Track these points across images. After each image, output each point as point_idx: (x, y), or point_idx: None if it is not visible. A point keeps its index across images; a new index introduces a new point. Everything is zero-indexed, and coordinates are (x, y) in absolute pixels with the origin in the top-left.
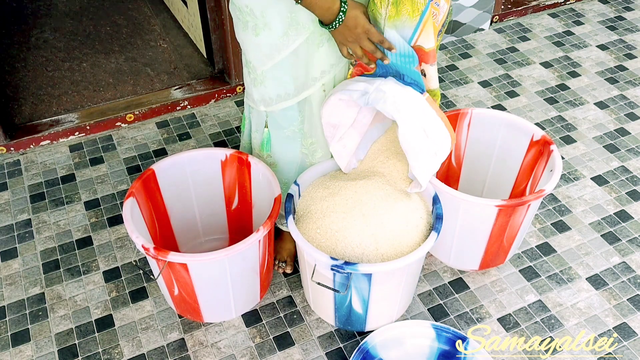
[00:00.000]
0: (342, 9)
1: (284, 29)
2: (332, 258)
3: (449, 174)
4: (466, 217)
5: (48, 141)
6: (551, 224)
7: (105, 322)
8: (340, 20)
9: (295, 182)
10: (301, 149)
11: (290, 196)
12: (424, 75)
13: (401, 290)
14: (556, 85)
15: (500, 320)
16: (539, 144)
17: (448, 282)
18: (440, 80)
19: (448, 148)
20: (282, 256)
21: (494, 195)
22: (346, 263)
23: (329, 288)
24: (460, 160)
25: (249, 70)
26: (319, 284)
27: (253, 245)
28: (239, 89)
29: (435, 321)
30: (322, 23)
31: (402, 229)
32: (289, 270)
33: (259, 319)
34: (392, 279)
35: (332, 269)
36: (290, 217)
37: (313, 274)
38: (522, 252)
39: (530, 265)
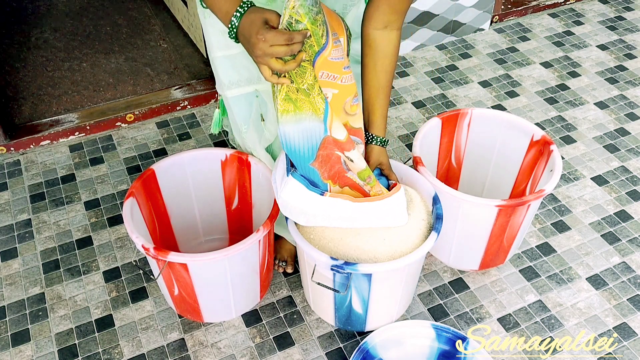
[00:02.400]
0: (235, 13)
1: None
2: (332, 258)
3: (449, 174)
4: (466, 217)
5: (48, 141)
6: (551, 224)
7: (105, 322)
8: (234, 27)
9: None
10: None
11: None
12: (351, 161)
13: (401, 291)
14: (556, 85)
15: (500, 320)
16: (539, 144)
17: (448, 282)
18: (440, 80)
19: (394, 212)
20: (282, 255)
21: (494, 195)
22: (346, 263)
23: (329, 288)
24: (460, 160)
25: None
26: (319, 284)
27: (253, 245)
28: None
29: (435, 321)
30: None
31: (402, 229)
32: (289, 270)
33: (259, 319)
34: (392, 279)
35: (332, 269)
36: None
37: (313, 274)
38: (522, 252)
39: (530, 265)
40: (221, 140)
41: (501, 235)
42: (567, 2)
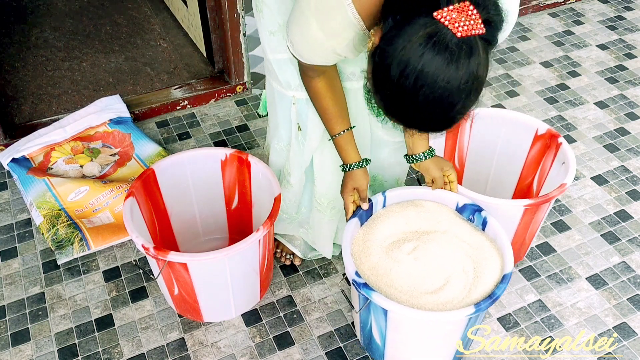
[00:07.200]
0: (350, 165)
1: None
2: (357, 274)
3: None
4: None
5: None
6: (551, 223)
7: (105, 322)
8: (347, 168)
9: (382, 193)
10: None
11: (369, 201)
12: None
13: (422, 346)
14: (556, 85)
15: (500, 320)
16: (544, 137)
17: None
18: None
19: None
20: (288, 249)
21: (497, 192)
22: (365, 285)
23: (346, 298)
24: (463, 160)
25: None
26: (342, 291)
27: (253, 245)
28: (239, 88)
29: None
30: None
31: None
32: (297, 262)
33: (258, 318)
34: (412, 328)
35: (353, 283)
36: (355, 219)
37: (344, 277)
38: None
39: (530, 265)
40: (221, 140)
41: (524, 233)
42: (567, 2)
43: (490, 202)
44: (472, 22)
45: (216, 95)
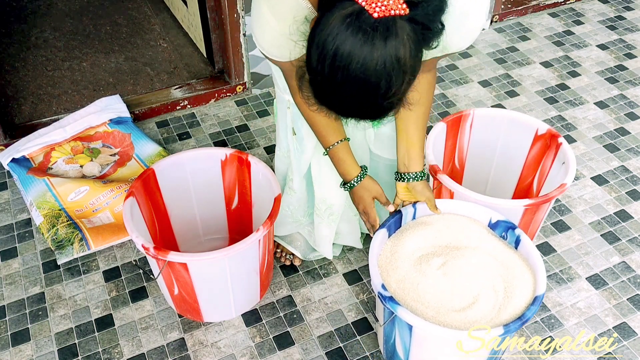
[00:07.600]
0: (350, 183)
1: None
2: (383, 287)
3: (452, 176)
4: None
5: None
6: (551, 223)
7: (105, 322)
8: (351, 186)
9: (413, 205)
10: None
11: (399, 212)
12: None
13: None
14: (556, 85)
15: None
16: (544, 137)
17: None
18: (440, 80)
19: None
20: (288, 249)
21: (497, 192)
22: (391, 299)
23: (371, 310)
24: (463, 161)
25: None
26: (367, 302)
27: (253, 245)
28: (239, 88)
29: None
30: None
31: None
32: (297, 263)
33: (258, 318)
34: (438, 345)
35: (378, 296)
36: (384, 230)
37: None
38: None
39: None
40: (221, 140)
41: (524, 232)
42: (567, 2)
43: (490, 202)
44: (390, 2)
45: (216, 95)
